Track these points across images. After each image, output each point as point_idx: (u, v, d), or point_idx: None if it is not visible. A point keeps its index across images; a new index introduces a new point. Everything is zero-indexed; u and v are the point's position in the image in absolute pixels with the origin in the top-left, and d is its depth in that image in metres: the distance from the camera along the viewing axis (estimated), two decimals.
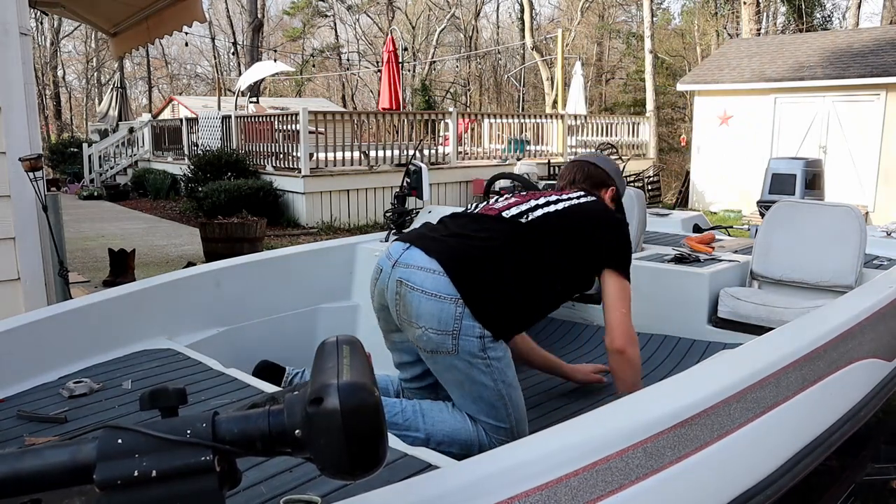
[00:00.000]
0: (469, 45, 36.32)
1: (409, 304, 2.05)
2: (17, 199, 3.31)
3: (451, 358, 2.05)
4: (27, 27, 3.45)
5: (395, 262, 2.12)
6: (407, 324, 2.08)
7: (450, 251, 2.09)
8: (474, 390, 2.09)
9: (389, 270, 2.13)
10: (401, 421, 2.11)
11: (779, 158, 10.37)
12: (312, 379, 0.97)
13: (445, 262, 2.05)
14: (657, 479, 1.50)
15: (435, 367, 2.12)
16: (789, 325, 2.22)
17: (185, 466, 0.90)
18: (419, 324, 2.04)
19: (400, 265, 2.10)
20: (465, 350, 2.03)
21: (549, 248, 2.17)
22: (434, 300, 2.01)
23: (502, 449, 1.36)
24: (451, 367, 2.07)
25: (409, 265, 2.08)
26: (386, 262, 2.16)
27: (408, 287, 2.05)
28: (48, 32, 33.07)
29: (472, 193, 12.06)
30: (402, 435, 2.04)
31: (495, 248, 2.12)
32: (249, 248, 6.79)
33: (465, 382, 2.09)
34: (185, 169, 12.42)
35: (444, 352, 2.04)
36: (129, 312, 2.48)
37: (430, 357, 2.09)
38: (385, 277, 2.14)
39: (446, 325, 2.01)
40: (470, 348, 2.03)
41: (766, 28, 25.66)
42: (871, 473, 2.92)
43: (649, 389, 1.71)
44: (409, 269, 2.07)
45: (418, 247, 2.12)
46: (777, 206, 3.38)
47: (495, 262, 2.10)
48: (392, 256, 2.15)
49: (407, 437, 2.03)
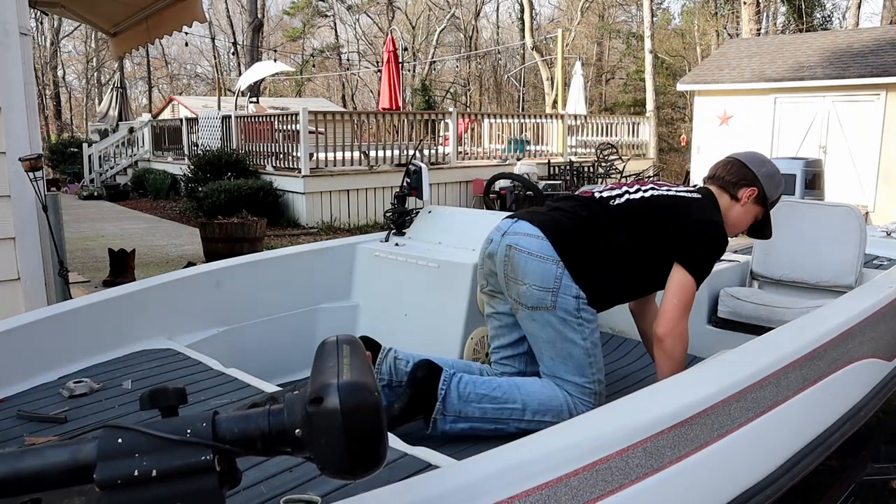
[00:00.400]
0: (469, 45, 36.33)
1: (516, 264, 2.33)
2: (17, 199, 3.31)
3: (549, 314, 2.30)
4: (27, 27, 3.45)
5: (504, 232, 2.43)
6: (513, 281, 2.34)
7: (550, 221, 2.39)
8: (565, 348, 2.33)
9: (500, 239, 2.42)
10: (499, 394, 2.30)
11: (779, 158, 10.36)
12: (312, 378, 0.97)
13: (546, 230, 2.35)
14: (657, 479, 1.50)
15: (532, 325, 2.35)
16: (789, 325, 2.22)
17: (186, 466, 0.90)
18: (524, 280, 2.31)
19: (509, 234, 2.40)
20: (562, 307, 2.30)
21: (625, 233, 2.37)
22: (538, 260, 2.31)
23: (502, 449, 1.36)
24: (548, 323, 2.32)
25: (517, 233, 2.39)
26: (496, 234, 2.47)
27: (516, 250, 2.34)
28: (48, 32, 33.07)
29: (472, 193, 12.06)
30: (501, 408, 2.27)
31: (588, 224, 2.38)
32: (249, 248, 6.79)
33: (557, 340, 2.33)
34: (185, 169, 12.42)
35: (544, 307, 2.30)
36: (129, 312, 2.48)
37: (530, 314, 2.33)
38: (495, 245, 2.43)
39: (547, 283, 2.29)
40: (566, 306, 2.30)
41: (766, 28, 25.66)
42: (871, 473, 2.92)
43: (649, 389, 1.71)
44: (516, 236, 2.37)
45: (524, 219, 2.43)
46: (777, 206, 3.38)
47: (587, 235, 2.36)
48: (501, 229, 2.46)
49: (505, 410, 2.27)
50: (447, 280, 2.91)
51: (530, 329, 2.38)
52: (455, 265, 2.89)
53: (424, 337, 2.96)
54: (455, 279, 2.88)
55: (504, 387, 2.32)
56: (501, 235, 2.43)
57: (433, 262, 2.95)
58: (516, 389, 2.32)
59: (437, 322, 2.93)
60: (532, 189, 3.68)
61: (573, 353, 2.32)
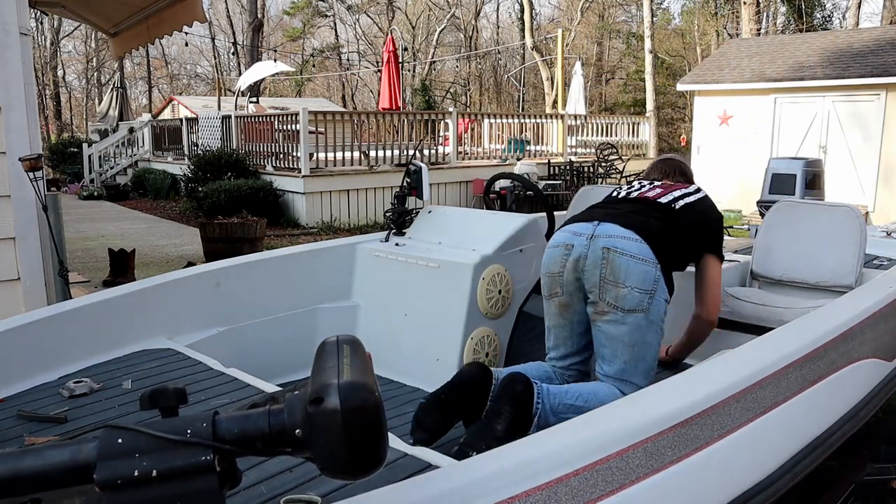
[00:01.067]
0: (469, 45, 36.32)
1: (617, 267, 2.33)
2: (17, 199, 3.31)
3: (641, 317, 2.34)
4: (27, 27, 3.45)
5: (591, 236, 2.42)
6: (612, 284, 2.34)
7: (639, 224, 2.43)
8: (642, 352, 2.37)
9: (586, 243, 2.41)
10: (581, 403, 2.27)
11: (779, 158, 10.36)
12: (313, 378, 0.97)
13: (641, 233, 2.39)
14: (657, 479, 1.50)
15: (619, 329, 2.35)
16: (789, 325, 2.22)
17: (186, 466, 0.90)
18: (626, 283, 2.32)
19: (600, 237, 2.40)
20: (654, 310, 2.35)
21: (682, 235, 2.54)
22: (641, 263, 2.33)
23: (502, 449, 1.36)
24: (637, 326, 2.34)
25: (610, 235, 2.39)
26: (577, 239, 2.45)
27: (616, 253, 2.34)
28: (48, 32, 33.06)
29: (472, 193, 12.05)
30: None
31: (661, 227, 2.47)
32: (249, 248, 6.79)
33: (638, 344, 2.36)
34: (185, 169, 12.42)
35: (640, 310, 2.33)
36: (129, 312, 2.48)
37: (623, 317, 2.34)
38: (581, 249, 2.41)
39: (647, 285, 2.33)
40: (658, 309, 2.37)
41: (766, 28, 25.66)
42: (871, 473, 2.92)
43: (649, 389, 1.71)
44: (612, 239, 2.37)
45: (609, 221, 2.44)
46: (777, 206, 3.38)
47: (669, 238, 2.46)
48: (584, 233, 2.45)
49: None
50: (447, 280, 2.91)
51: (614, 332, 2.36)
52: (455, 265, 2.89)
53: (424, 337, 2.96)
54: (455, 279, 2.88)
55: (584, 395, 2.31)
56: (588, 239, 2.41)
57: (433, 262, 2.95)
58: (594, 398, 2.30)
59: (437, 322, 2.93)
60: (532, 189, 3.67)
61: (647, 356, 2.38)
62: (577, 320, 2.50)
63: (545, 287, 2.54)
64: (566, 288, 2.46)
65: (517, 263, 3.03)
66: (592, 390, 2.34)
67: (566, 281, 2.45)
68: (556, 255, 2.48)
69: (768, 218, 3.37)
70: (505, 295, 2.98)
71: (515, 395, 2.13)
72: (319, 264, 3.16)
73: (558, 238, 2.52)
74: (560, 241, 2.50)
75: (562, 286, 2.47)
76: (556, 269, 2.47)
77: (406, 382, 2.99)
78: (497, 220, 3.09)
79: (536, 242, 3.13)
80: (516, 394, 2.13)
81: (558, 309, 2.51)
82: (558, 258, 2.47)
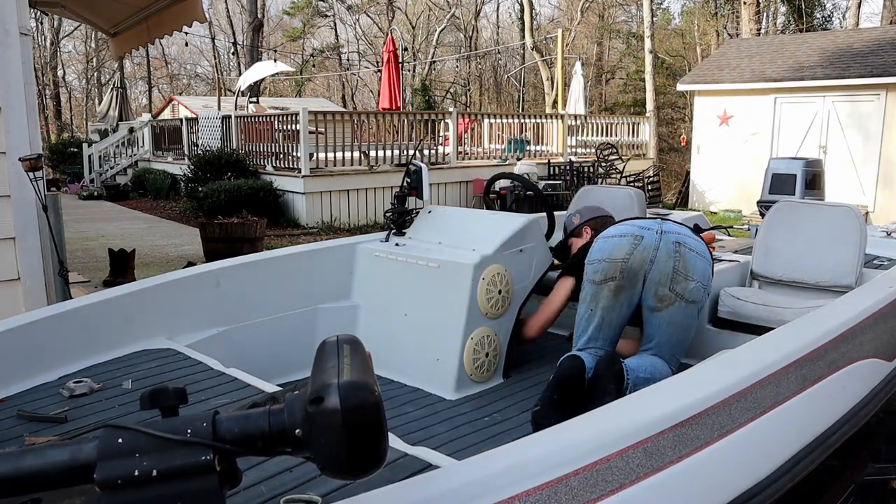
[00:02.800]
0: (469, 45, 36.32)
1: (688, 261, 2.59)
2: (17, 199, 3.31)
3: (697, 307, 2.65)
4: (27, 27, 3.45)
5: (660, 231, 2.64)
6: (683, 277, 2.59)
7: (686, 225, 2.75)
8: (688, 333, 2.69)
9: (657, 237, 2.63)
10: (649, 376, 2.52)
11: (779, 158, 10.35)
12: (313, 378, 0.97)
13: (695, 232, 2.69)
14: (657, 479, 1.50)
15: (678, 315, 2.62)
16: (789, 325, 2.22)
17: (186, 466, 0.90)
18: (694, 277, 2.60)
19: (669, 233, 2.64)
20: (704, 302, 2.68)
21: None
22: (703, 259, 2.63)
23: (502, 449, 1.36)
24: (691, 315, 2.65)
25: (679, 232, 2.65)
26: (646, 232, 2.66)
27: (686, 248, 2.60)
28: (48, 32, 33.04)
29: (472, 193, 12.05)
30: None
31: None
32: (249, 248, 6.79)
33: (688, 327, 2.66)
34: (185, 169, 12.41)
35: (698, 300, 2.63)
36: (129, 312, 2.48)
37: (685, 307, 2.61)
38: (653, 242, 2.63)
39: (708, 280, 2.66)
40: (706, 300, 2.69)
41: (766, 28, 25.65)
42: (871, 473, 2.92)
43: (649, 389, 1.71)
44: (681, 235, 2.63)
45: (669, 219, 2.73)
46: (777, 206, 3.38)
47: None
48: (651, 227, 2.68)
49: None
50: (447, 280, 2.91)
51: (673, 318, 2.63)
52: (455, 265, 2.89)
53: (424, 337, 2.96)
54: (455, 279, 2.88)
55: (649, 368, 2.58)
56: (658, 234, 2.64)
57: (433, 262, 2.95)
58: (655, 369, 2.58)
59: (437, 322, 2.93)
60: (532, 189, 3.67)
61: (690, 335, 2.72)
62: (625, 307, 2.71)
63: (599, 272, 2.70)
64: (626, 273, 2.65)
65: (517, 263, 3.03)
66: (651, 363, 2.61)
67: (628, 267, 2.64)
68: (623, 244, 2.66)
69: (768, 218, 3.37)
70: (505, 295, 2.98)
71: (616, 373, 2.45)
72: (319, 264, 3.16)
73: (622, 229, 2.71)
74: (627, 231, 2.69)
75: (622, 272, 2.65)
76: (621, 255, 2.65)
77: (406, 382, 2.99)
78: (497, 220, 3.09)
79: (536, 242, 3.13)
80: (617, 372, 2.45)
81: (612, 292, 2.69)
82: (625, 246, 2.65)
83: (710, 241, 3.83)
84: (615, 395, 2.39)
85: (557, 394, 2.47)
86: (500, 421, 2.64)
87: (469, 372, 2.89)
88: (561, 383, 2.49)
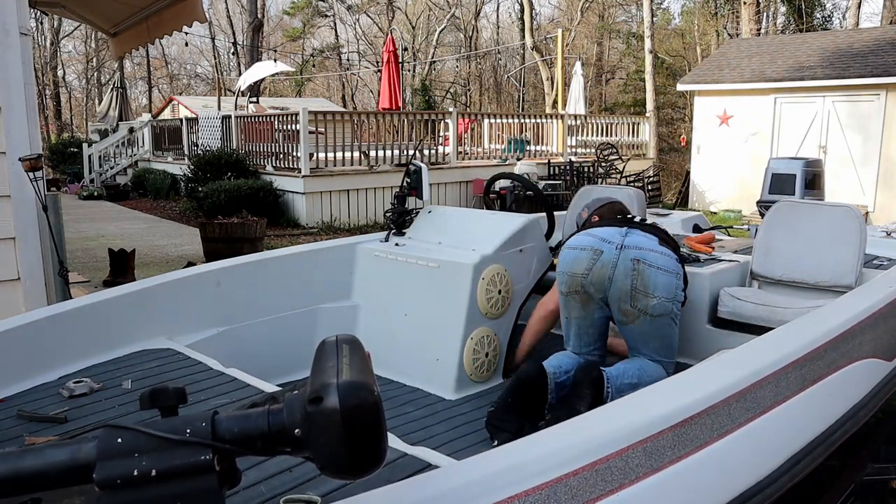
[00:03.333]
0: (469, 45, 36.32)
1: (647, 278, 2.51)
2: (17, 199, 3.31)
3: (667, 319, 2.58)
4: (27, 27, 3.45)
5: (621, 245, 2.56)
6: (642, 295, 2.53)
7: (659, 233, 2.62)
8: (667, 340, 2.65)
9: (616, 252, 2.55)
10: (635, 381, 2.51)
11: (779, 158, 10.35)
12: (312, 378, 0.97)
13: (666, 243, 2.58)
14: (657, 479, 1.50)
15: (647, 327, 2.57)
16: (789, 325, 2.22)
17: (185, 466, 0.90)
18: (655, 294, 2.52)
19: (630, 248, 2.55)
20: (675, 313, 2.61)
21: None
22: (667, 275, 2.53)
23: (502, 449, 1.36)
24: (663, 325, 2.59)
25: (640, 247, 2.54)
26: (606, 245, 2.58)
27: (645, 264, 2.51)
28: (48, 32, 33.03)
29: (472, 193, 12.05)
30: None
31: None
32: (249, 248, 6.79)
33: (665, 336, 2.62)
34: (185, 169, 12.41)
35: (665, 313, 2.56)
36: (129, 312, 2.48)
37: (651, 321, 2.56)
38: (611, 257, 2.55)
39: (674, 295, 2.56)
40: (677, 311, 2.62)
41: (766, 28, 25.65)
42: (871, 473, 2.92)
43: (649, 389, 1.71)
44: (641, 251, 2.54)
45: (636, 228, 2.61)
46: (777, 206, 3.38)
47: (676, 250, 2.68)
48: (611, 240, 2.59)
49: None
50: (447, 280, 2.91)
51: (643, 330, 2.59)
52: (455, 265, 2.89)
53: (424, 337, 2.96)
54: (455, 279, 2.88)
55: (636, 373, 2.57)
56: (618, 249, 2.55)
57: (433, 262, 2.95)
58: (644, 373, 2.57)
59: (437, 322, 2.93)
60: (532, 189, 3.67)
61: (672, 341, 2.68)
62: (597, 315, 2.69)
63: (564, 284, 2.67)
64: (588, 288, 2.62)
65: (517, 263, 3.03)
66: (639, 367, 2.59)
67: (590, 282, 2.60)
68: (583, 258, 2.60)
69: (768, 218, 3.37)
70: (505, 295, 2.98)
71: (594, 380, 2.41)
72: (319, 264, 3.16)
73: (583, 241, 2.64)
74: (587, 244, 2.61)
75: (583, 286, 2.62)
76: (581, 269, 2.60)
77: (406, 382, 2.99)
78: (497, 220, 3.09)
79: (536, 242, 3.13)
80: (594, 379, 2.42)
81: (579, 304, 2.68)
82: (584, 260, 2.59)
83: (710, 240, 3.83)
84: (591, 401, 2.37)
85: (512, 397, 2.45)
86: None
87: (469, 372, 2.89)
88: (516, 387, 2.46)
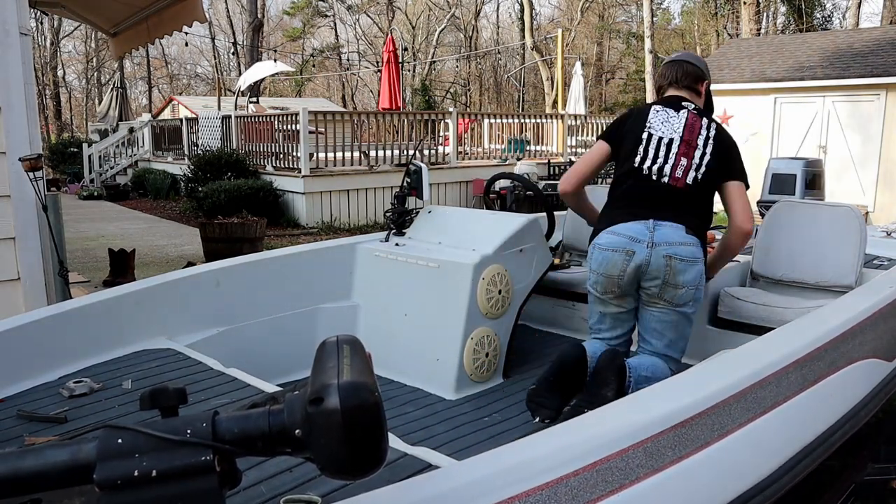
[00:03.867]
0: (469, 45, 36.32)
1: (678, 272, 2.54)
2: (17, 199, 3.31)
3: (690, 308, 2.61)
4: (27, 27, 3.45)
5: (651, 244, 2.55)
6: (672, 287, 2.56)
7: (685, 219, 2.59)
8: (684, 332, 2.66)
9: (647, 251, 2.55)
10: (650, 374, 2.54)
11: (779, 158, 10.36)
12: (312, 378, 0.97)
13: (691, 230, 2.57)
14: (657, 479, 1.50)
15: (670, 315, 2.61)
16: (789, 325, 2.22)
17: (186, 466, 0.90)
18: (684, 284, 2.55)
19: (660, 245, 2.55)
20: (699, 300, 2.63)
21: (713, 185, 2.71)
22: (693, 265, 2.55)
23: (502, 449, 1.36)
24: (684, 315, 2.62)
25: (670, 243, 2.55)
26: (637, 246, 2.57)
27: (677, 259, 2.54)
28: (48, 32, 33.05)
29: (472, 193, 12.05)
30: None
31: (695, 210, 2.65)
32: (249, 248, 6.79)
33: (682, 326, 2.64)
34: (185, 169, 12.41)
35: (691, 302, 2.60)
36: (129, 312, 2.48)
37: (675, 309, 2.59)
38: (644, 257, 2.56)
39: (700, 282, 2.59)
40: (700, 297, 2.64)
41: (766, 28, 25.65)
42: (871, 473, 2.92)
43: (649, 389, 1.71)
44: (671, 247, 2.55)
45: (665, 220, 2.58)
46: (777, 206, 3.38)
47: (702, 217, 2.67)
48: (641, 239, 2.57)
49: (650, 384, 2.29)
50: (447, 280, 2.91)
51: (664, 318, 2.63)
52: (455, 265, 2.89)
53: (424, 337, 2.96)
54: (455, 279, 2.88)
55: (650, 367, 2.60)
56: (649, 248, 2.55)
57: (433, 262, 2.95)
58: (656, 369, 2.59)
59: (437, 322, 2.93)
60: (532, 189, 3.67)
61: (686, 334, 2.68)
62: (632, 308, 2.72)
63: (600, 286, 2.68)
64: (625, 288, 2.64)
65: (517, 263, 3.03)
66: (652, 363, 2.62)
67: (626, 282, 2.62)
68: (616, 259, 2.60)
69: (768, 218, 3.37)
70: (505, 295, 2.98)
71: (619, 367, 2.46)
72: (319, 264, 3.16)
73: (614, 241, 2.62)
74: (618, 244, 2.61)
75: (620, 286, 2.64)
76: (616, 272, 2.61)
77: (406, 382, 2.99)
78: (497, 220, 3.09)
79: (536, 242, 3.13)
80: (619, 366, 2.46)
81: (616, 301, 2.71)
82: (618, 262, 2.60)
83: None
84: (615, 387, 2.42)
85: (554, 376, 2.52)
86: (500, 421, 2.64)
87: (469, 372, 2.89)
88: (559, 366, 2.55)
